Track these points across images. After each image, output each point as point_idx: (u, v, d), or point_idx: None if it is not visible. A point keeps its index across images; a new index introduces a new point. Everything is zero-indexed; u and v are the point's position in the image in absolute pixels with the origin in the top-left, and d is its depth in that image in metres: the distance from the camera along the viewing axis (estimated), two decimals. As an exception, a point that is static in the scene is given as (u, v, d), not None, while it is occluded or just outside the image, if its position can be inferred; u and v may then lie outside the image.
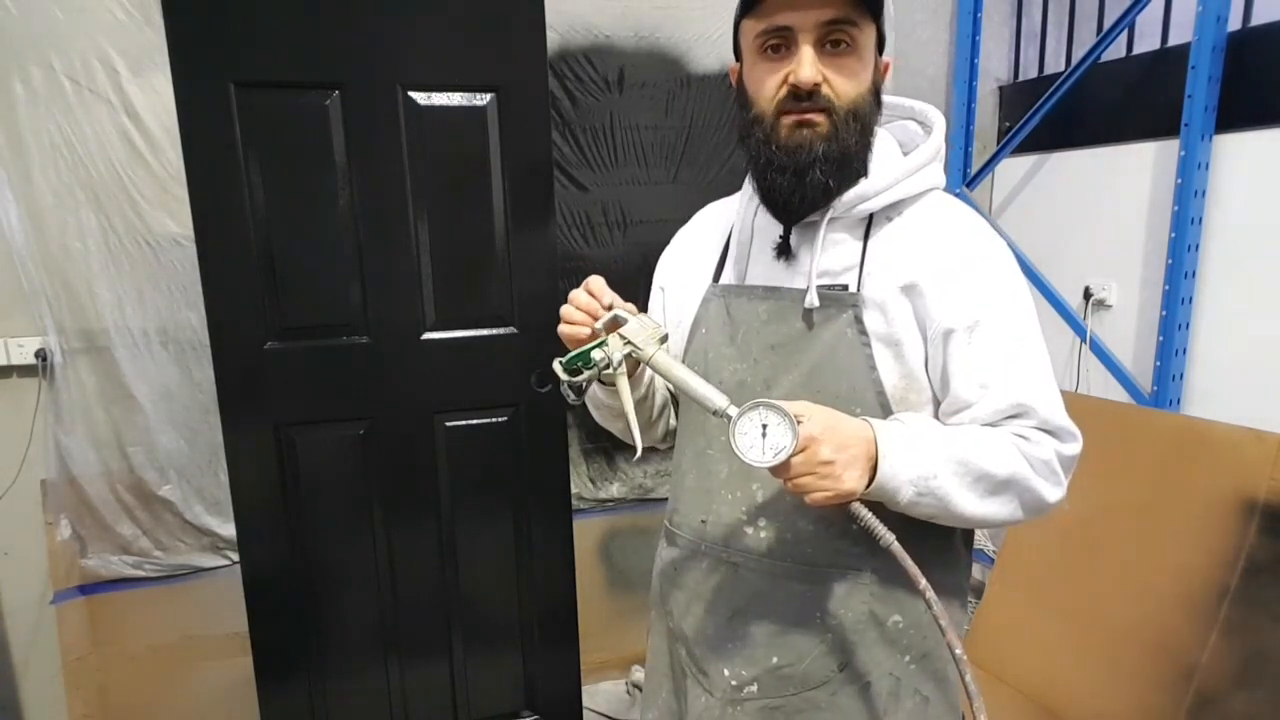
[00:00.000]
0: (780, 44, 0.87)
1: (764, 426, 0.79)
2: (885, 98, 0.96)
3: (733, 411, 0.81)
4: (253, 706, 1.82)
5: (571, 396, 0.95)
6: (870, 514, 0.81)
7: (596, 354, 0.88)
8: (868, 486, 0.82)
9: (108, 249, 1.95)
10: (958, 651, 0.78)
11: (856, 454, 0.80)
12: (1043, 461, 0.87)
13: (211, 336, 1.66)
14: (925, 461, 0.83)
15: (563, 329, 0.95)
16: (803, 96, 0.86)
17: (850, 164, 0.90)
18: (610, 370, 0.88)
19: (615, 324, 0.90)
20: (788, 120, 0.88)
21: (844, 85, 0.87)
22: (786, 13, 0.85)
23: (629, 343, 0.88)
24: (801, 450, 0.78)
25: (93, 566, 2.06)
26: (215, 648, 2.15)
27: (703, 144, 2.38)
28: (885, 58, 0.93)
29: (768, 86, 0.88)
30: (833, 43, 0.86)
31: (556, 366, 0.91)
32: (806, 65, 0.85)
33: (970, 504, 0.85)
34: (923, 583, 0.79)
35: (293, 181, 1.65)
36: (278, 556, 1.77)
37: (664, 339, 0.89)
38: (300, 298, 1.70)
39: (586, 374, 0.90)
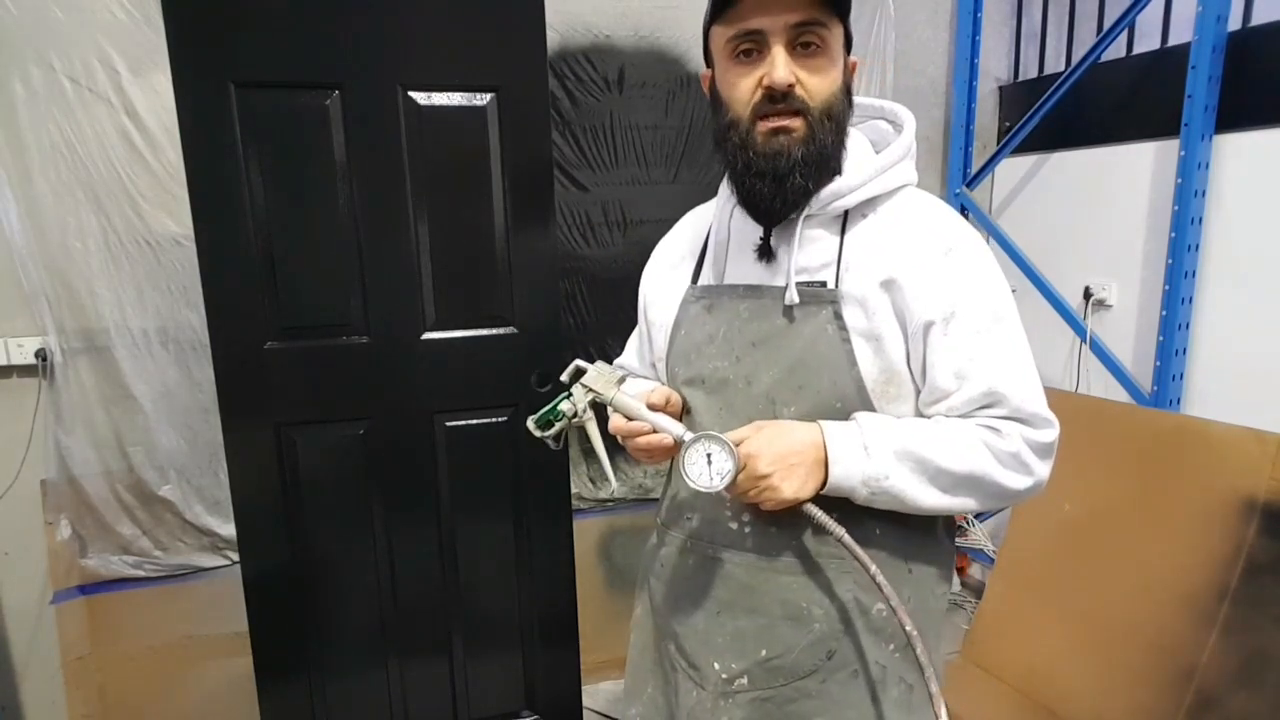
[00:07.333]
0: (752, 48, 0.88)
1: (708, 455, 0.88)
2: (856, 99, 0.98)
3: (687, 438, 0.90)
4: (253, 706, 1.82)
5: (553, 445, 1.04)
6: (819, 511, 0.88)
7: (564, 405, 0.99)
8: (821, 488, 0.88)
9: (108, 249, 1.95)
10: (908, 628, 0.84)
11: (796, 463, 0.87)
12: (1009, 454, 0.90)
13: (211, 336, 1.66)
14: (875, 464, 0.88)
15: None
16: (778, 98, 0.88)
17: (827, 164, 0.92)
18: (578, 418, 0.99)
19: (577, 374, 1.01)
20: (764, 126, 0.90)
21: (817, 85, 0.88)
22: (757, 16, 0.86)
23: (590, 390, 0.98)
24: (742, 469, 0.87)
25: (93, 566, 2.06)
26: (215, 648, 2.15)
27: (703, 144, 2.38)
28: (853, 57, 0.94)
29: (742, 90, 0.90)
30: (803, 44, 0.87)
31: (530, 425, 1.01)
32: (780, 67, 0.86)
33: (929, 498, 0.90)
34: (873, 568, 0.86)
35: (293, 181, 1.65)
36: (278, 556, 1.77)
37: (622, 380, 0.99)
38: (300, 298, 1.69)
39: (558, 426, 1.00)
